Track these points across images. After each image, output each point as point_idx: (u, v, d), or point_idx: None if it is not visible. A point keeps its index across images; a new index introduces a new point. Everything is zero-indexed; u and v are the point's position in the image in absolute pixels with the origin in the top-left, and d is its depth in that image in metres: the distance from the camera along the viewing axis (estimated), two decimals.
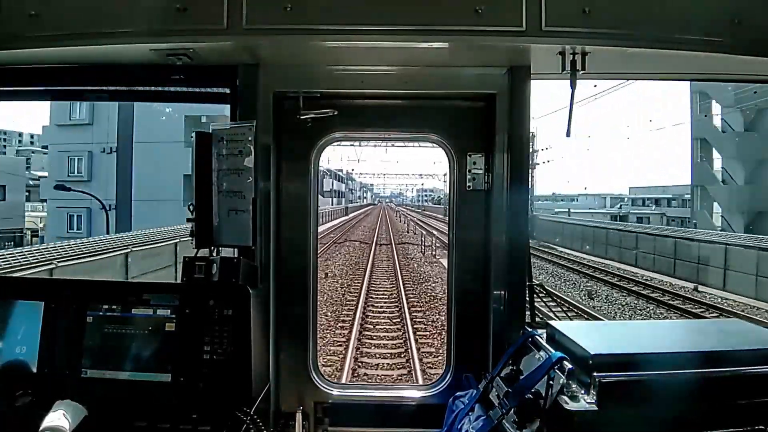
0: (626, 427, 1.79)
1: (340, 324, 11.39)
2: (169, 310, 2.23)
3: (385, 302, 13.68)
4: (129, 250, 13.49)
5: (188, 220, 2.43)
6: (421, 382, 8.06)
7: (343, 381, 7.91)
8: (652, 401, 1.80)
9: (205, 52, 2.36)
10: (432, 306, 13.34)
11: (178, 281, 2.31)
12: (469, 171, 2.75)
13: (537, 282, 2.71)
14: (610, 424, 1.77)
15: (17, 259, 10.78)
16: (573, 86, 2.39)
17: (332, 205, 56.43)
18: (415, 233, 33.91)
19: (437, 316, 12.00)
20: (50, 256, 11.51)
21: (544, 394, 1.88)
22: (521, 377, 2.12)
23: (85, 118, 28.13)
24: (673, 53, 2.25)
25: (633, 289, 17.53)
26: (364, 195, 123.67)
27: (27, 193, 34.28)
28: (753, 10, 2.21)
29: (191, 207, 2.42)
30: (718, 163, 31.59)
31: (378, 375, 8.52)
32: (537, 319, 2.70)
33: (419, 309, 13.00)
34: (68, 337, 2.22)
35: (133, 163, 25.45)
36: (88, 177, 28.08)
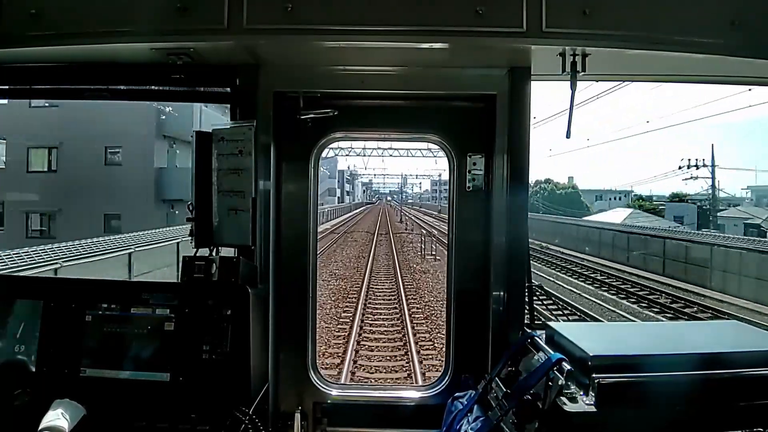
0: (625, 428, 1.80)
1: None
2: (168, 310, 2.23)
3: None
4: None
5: (188, 219, 2.44)
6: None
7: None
8: (651, 403, 1.80)
9: (205, 51, 2.36)
10: None
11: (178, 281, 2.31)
12: (469, 172, 2.75)
13: (536, 283, 2.71)
14: (609, 426, 1.77)
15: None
16: (573, 87, 2.39)
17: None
18: None
19: None
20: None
21: (542, 396, 1.88)
22: (520, 378, 2.13)
23: None
24: (673, 55, 2.25)
25: None
26: (347, 189, 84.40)
27: None
28: (751, 13, 2.21)
29: (191, 206, 2.43)
30: None
31: None
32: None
33: None
34: (67, 337, 2.22)
35: None
36: None
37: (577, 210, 57.53)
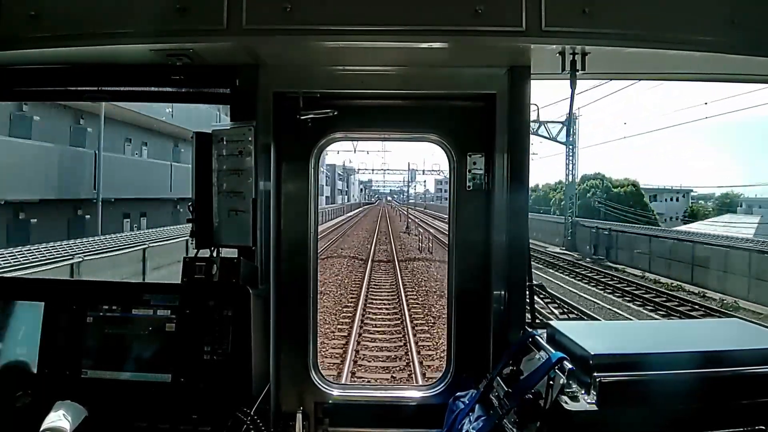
0: (626, 427, 1.79)
1: None
2: (169, 311, 2.23)
3: None
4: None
5: (188, 220, 2.44)
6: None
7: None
8: (652, 401, 1.80)
9: (205, 52, 2.36)
10: None
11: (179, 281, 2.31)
12: (470, 171, 2.75)
13: (537, 282, 2.71)
14: (610, 425, 1.77)
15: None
16: (573, 86, 2.40)
17: None
18: None
19: None
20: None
21: (544, 395, 1.88)
22: (521, 377, 2.12)
23: None
24: (673, 53, 2.25)
25: None
26: (340, 187, 73.30)
27: None
28: (751, 11, 2.21)
29: (191, 207, 2.43)
30: None
31: None
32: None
33: None
34: (68, 338, 2.22)
35: None
36: None
37: (640, 212, 45.62)
